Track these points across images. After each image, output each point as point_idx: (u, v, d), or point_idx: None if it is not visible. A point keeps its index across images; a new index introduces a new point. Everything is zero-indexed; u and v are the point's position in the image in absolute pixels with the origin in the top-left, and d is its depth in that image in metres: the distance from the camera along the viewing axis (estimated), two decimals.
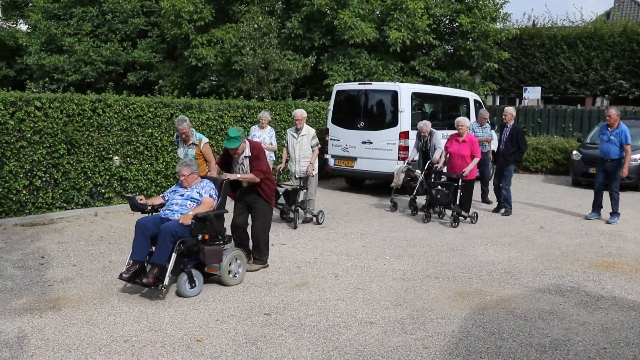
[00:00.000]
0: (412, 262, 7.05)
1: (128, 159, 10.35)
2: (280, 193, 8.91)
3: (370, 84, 12.58)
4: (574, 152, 14.57)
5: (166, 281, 5.39)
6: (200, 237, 5.68)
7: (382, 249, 7.67)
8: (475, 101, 14.45)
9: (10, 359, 4.20)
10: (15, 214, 8.93)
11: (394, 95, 11.82)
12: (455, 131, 9.55)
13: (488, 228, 9.14)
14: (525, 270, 6.76)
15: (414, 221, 9.55)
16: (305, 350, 4.43)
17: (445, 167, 9.80)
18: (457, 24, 17.56)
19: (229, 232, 6.40)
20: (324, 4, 15.78)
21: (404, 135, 11.55)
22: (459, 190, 9.21)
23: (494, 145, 11.62)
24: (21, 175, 8.89)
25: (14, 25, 25.08)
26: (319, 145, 9.44)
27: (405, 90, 11.89)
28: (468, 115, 13.95)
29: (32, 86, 12.19)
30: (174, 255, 5.43)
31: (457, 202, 9.17)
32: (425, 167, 10.16)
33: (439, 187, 9.26)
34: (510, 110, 10.27)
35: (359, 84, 12.68)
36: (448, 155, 9.62)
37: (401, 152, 11.45)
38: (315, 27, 16.85)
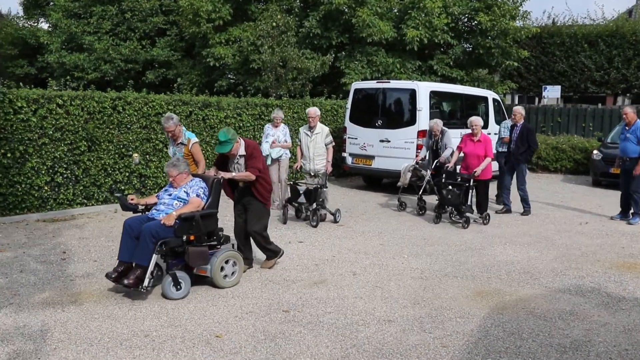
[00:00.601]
0: (431, 260, 7.03)
1: (147, 156, 10.44)
2: (301, 192, 8.90)
3: (389, 82, 12.55)
4: (595, 151, 14.39)
5: (146, 282, 5.25)
6: (185, 238, 5.50)
7: (400, 248, 7.66)
8: (494, 100, 14.34)
9: (34, 352, 4.27)
10: (37, 210, 9.06)
11: (412, 93, 11.77)
12: (469, 130, 9.45)
13: (507, 227, 9.08)
14: (545, 270, 6.71)
15: (432, 220, 9.48)
16: (323, 348, 4.44)
17: (459, 167, 9.69)
18: (475, 22, 17.43)
19: (228, 233, 6.29)
20: (342, 2, 15.77)
21: (422, 134, 11.49)
22: (472, 191, 9.09)
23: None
24: (43, 172, 9.02)
25: (36, 24, 25.43)
26: (334, 143, 9.44)
27: (424, 89, 11.84)
28: (487, 114, 13.85)
29: (53, 84, 12.35)
30: (154, 256, 5.30)
31: (469, 203, 9.05)
32: (433, 166, 10.03)
33: (450, 187, 9.11)
34: (519, 109, 10.21)
35: (377, 82, 12.66)
36: (462, 155, 9.51)
37: (419, 150, 11.41)
38: (333, 26, 16.85)
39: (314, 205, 8.87)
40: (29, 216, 8.89)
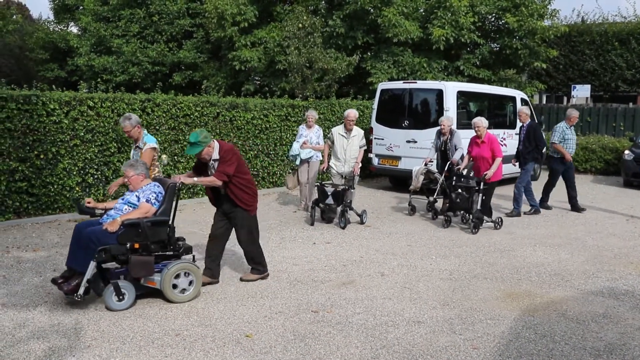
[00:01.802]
0: (459, 262, 6.97)
1: (176, 157, 10.56)
2: (329, 193, 8.88)
3: (415, 82, 12.48)
4: (626, 151, 14.12)
5: (81, 290, 5.01)
6: (128, 245, 5.16)
7: (428, 249, 7.61)
8: (522, 100, 14.16)
9: (68, 348, 4.36)
10: (69, 210, 9.23)
11: (439, 94, 11.70)
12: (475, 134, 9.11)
13: (536, 229, 8.96)
14: (576, 272, 6.60)
15: (459, 221, 9.39)
16: (353, 348, 4.44)
17: (472, 171, 9.44)
18: (502, 21, 17.22)
19: (202, 242, 6.10)
20: (367, 2, 15.74)
21: None
22: (481, 194, 8.76)
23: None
24: (74, 173, 9.18)
25: (65, 28, 25.93)
26: (365, 147, 9.40)
27: (451, 89, 11.75)
28: (515, 115, 13.68)
29: (84, 86, 12.56)
30: (92, 263, 5.01)
31: (479, 207, 8.74)
32: (445, 169, 9.69)
33: (459, 190, 8.85)
34: (524, 110, 10.21)
35: (404, 82, 12.60)
36: (471, 159, 9.25)
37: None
38: (359, 25, 16.82)
39: (342, 206, 8.84)
40: (61, 216, 9.07)
